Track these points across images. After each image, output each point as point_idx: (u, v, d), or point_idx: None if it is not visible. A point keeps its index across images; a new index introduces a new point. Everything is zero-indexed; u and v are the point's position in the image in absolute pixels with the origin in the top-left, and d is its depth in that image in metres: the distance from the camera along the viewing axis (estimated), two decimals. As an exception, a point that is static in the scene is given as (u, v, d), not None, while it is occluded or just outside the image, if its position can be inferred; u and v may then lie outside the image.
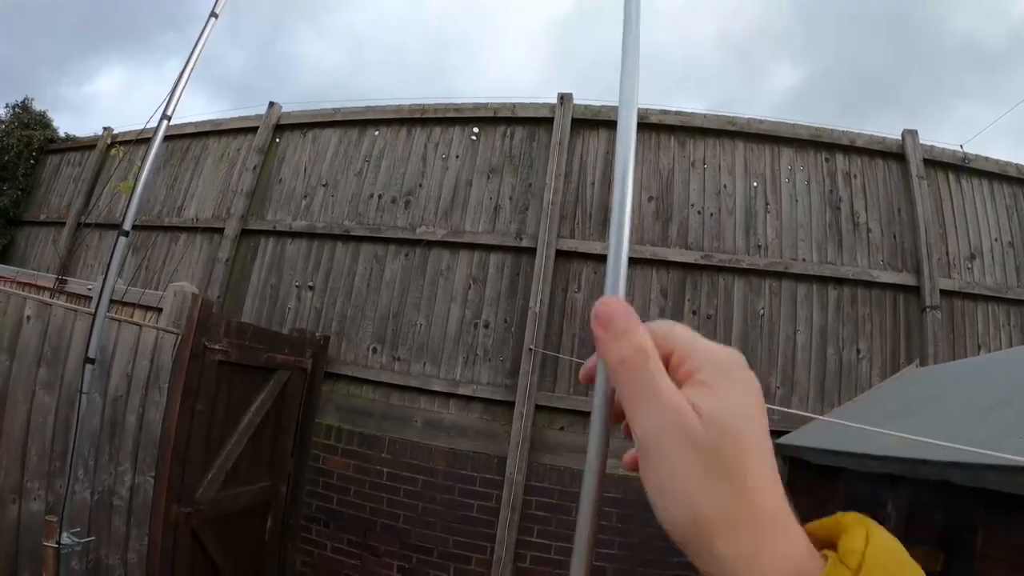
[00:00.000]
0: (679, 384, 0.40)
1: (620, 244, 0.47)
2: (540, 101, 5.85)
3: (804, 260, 5.30)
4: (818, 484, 3.87)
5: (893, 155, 5.56)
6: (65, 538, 2.51)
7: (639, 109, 0.52)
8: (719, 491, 0.36)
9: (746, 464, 0.37)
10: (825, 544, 0.37)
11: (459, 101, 6.12)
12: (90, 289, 4.34)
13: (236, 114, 7.14)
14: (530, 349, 5.08)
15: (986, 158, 5.58)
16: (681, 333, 0.43)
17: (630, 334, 0.41)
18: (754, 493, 0.37)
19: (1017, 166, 5.59)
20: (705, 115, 5.66)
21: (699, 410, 0.38)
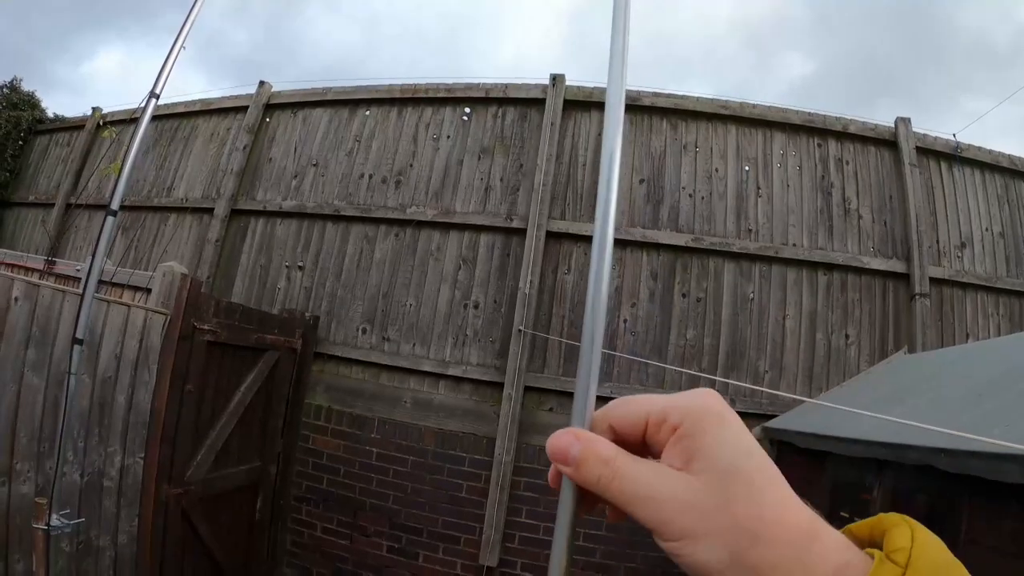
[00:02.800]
0: (664, 443, 0.42)
1: (606, 226, 0.47)
2: (533, 82, 5.81)
3: (795, 245, 5.32)
4: (805, 467, 3.92)
5: (886, 142, 5.57)
6: (55, 520, 2.52)
7: (631, 91, 0.52)
8: (750, 531, 0.37)
9: (762, 496, 0.38)
10: (867, 543, 0.38)
11: (451, 81, 6.06)
12: (79, 270, 4.30)
13: (226, 93, 7.05)
14: (520, 330, 5.09)
15: (978, 148, 5.60)
16: (645, 400, 0.44)
17: (587, 457, 0.42)
18: (784, 516, 0.38)
19: (1009, 156, 5.62)
20: (697, 98, 5.62)
21: (695, 469, 0.39)
